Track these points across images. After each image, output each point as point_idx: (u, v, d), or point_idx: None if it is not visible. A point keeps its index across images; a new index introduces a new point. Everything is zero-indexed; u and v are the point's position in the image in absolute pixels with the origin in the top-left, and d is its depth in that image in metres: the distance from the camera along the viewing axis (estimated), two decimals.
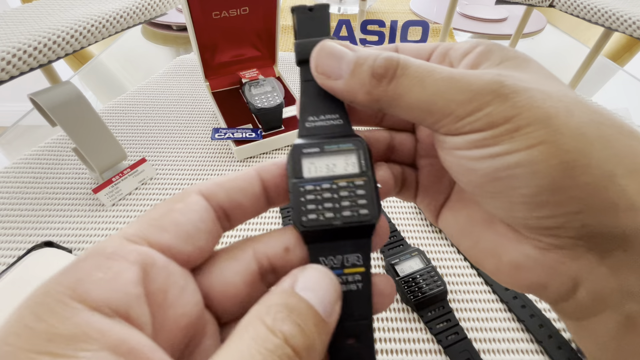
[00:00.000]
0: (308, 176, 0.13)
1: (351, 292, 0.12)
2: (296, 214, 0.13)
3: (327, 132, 0.14)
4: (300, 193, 0.13)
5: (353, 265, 0.12)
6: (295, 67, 0.70)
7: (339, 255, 0.13)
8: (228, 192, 0.13)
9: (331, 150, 0.13)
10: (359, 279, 0.12)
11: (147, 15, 0.50)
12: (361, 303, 0.12)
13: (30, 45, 0.37)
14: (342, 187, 0.13)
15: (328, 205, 0.13)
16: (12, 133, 0.55)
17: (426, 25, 0.65)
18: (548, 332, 0.31)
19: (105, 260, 0.10)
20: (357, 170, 0.13)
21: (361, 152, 0.14)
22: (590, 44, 0.59)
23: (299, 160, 0.13)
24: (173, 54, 0.80)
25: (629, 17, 0.46)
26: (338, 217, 0.13)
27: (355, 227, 0.13)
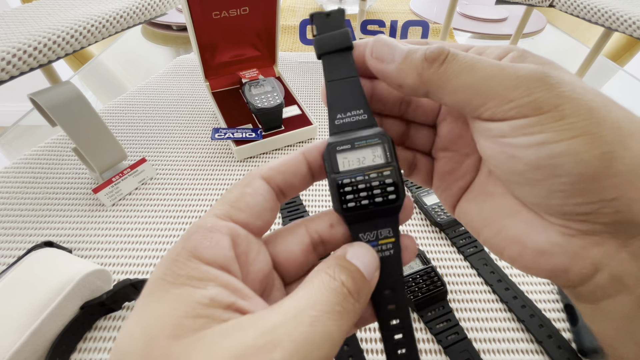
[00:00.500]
0: (343, 169, 0.16)
1: (386, 257, 0.16)
2: (338, 202, 0.15)
3: (354, 127, 0.16)
4: (339, 186, 0.15)
5: (385, 237, 0.16)
6: (295, 67, 0.70)
7: (374, 231, 0.16)
8: (284, 175, 0.16)
9: (360, 146, 0.16)
10: (391, 247, 0.16)
11: (147, 15, 0.50)
12: (394, 264, 0.16)
13: (30, 45, 0.37)
14: (372, 177, 0.15)
15: (363, 194, 0.15)
16: (12, 133, 0.55)
17: (426, 25, 0.65)
18: (548, 332, 0.31)
19: (208, 233, 0.13)
20: (383, 161, 0.16)
21: (385, 145, 0.16)
22: (590, 44, 0.59)
23: (334, 157, 0.16)
24: (173, 54, 0.80)
25: (629, 17, 0.46)
26: (372, 203, 0.15)
27: (386, 208, 0.16)
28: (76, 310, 0.30)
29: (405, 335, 0.16)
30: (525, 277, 0.35)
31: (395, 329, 0.16)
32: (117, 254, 0.37)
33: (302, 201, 0.43)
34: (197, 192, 0.44)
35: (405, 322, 0.16)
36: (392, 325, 0.16)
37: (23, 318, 0.27)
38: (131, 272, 0.36)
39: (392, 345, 0.16)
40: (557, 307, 0.33)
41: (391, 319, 0.16)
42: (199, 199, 0.43)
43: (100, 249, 0.38)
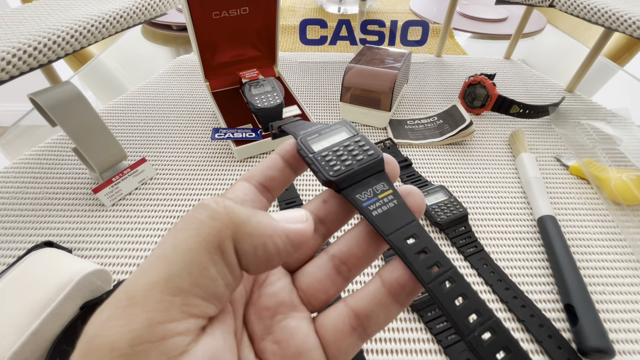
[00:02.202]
0: (318, 149, 0.17)
1: (391, 208, 0.15)
2: (324, 172, 0.16)
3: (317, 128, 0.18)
4: (319, 159, 0.16)
5: (382, 191, 0.16)
6: (295, 67, 0.70)
7: (369, 189, 0.16)
8: (262, 172, 0.16)
9: (327, 133, 0.18)
10: (392, 198, 0.16)
11: (147, 15, 0.50)
12: (402, 212, 0.15)
13: (30, 45, 0.37)
14: (347, 145, 0.17)
15: (343, 157, 0.16)
16: (12, 133, 0.55)
17: (426, 25, 0.65)
18: (548, 332, 0.31)
19: None
20: (350, 134, 0.17)
21: (347, 126, 0.18)
22: (590, 44, 0.59)
23: (307, 143, 0.17)
24: (173, 54, 0.80)
25: (629, 17, 0.46)
26: (355, 162, 0.16)
27: (370, 164, 0.16)
28: (76, 310, 0.30)
29: (453, 279, 0.13)
30: (525, 277, 0.35)
31: (438, 276, 0.13)
32: (117, 254, 0.37)
33: (303, 201, 0.43)
34: (197, 192, 0.44)
35: (446, 264, 0.14)
36: (434, 275, 0.13)
37: (23, 318, 0.27)
38: (131, 272, 0.36)
39: (447, 299, 0.13)
40: (557, 307, 0.33)
41: (429, 267, 0.14)
42: (199, 199, 0.43)
43: (100, 249, 0.38)
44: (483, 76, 0.55)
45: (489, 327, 0.13)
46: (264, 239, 0.12)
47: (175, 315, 0.10)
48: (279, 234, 0.12)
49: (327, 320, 0.15)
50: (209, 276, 0.11)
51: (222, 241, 0.11)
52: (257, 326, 0.14)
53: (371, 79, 0.51)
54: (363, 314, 0.14)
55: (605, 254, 0.38)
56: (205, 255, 0.11)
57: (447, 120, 0.55)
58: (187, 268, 0.11)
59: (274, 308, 0.15)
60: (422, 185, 0.44)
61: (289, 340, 0.14)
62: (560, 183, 0.46)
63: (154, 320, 0.10)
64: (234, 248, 0.12)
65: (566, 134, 0.53)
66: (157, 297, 0.10)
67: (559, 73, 0.72)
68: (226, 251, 0.11)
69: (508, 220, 0.41)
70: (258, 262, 0.12)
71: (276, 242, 0.12)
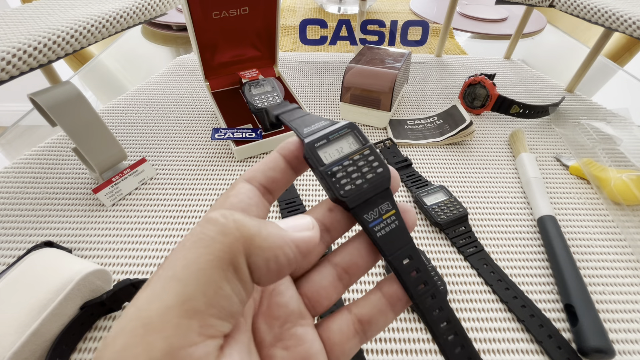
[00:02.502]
0: (328, 162, 0.17)
1: (393, 229, 0.16)
2: (335, 190, 0.16)
3: (322, 128, 0.18)
4: (330, 174, 0.16)
5: (387, 211, 0.17)
6: (295, 67, 0.70)
7: (375, 208, 0.16)
8: (263, 173, 0.16)
9: (335, 138, 0.17)
10: (394, 218, 0.17)
11: (147, 15, 0.50)
12: (402, 234, 0.17)
13: (30, 45, 0.37)
14: (356, 159, 0.17)
15: (354, 175, 0.17)
16: (12, 133, 0.55)
17: (426, 25, 0.65)
18: (548, 332, 0.31)
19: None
20: (359, 145, 0.17)
21: (355, 131, 0.18)
22: (590, 44, 0.59)
23: (316, 153, 0.17)
24: (173, 54, 0.80)
25: (629, 17, 0.46)
26: (364, 181, 0.16)
27: (378, 183, 0.17)
28: (76, 310, 0.30)
29: (435, 296, 0.16)
30: (525, 277, 0.35)
31: (424, 293, 0.16)
32: (117, 254, 0.37)
33: (302, 201, 0.43)
34: (197, 192, 0.44)
35: (431, 284, 0.16)
36: (420, 291, 0.16)
37: (23, 318, 0.27)
38: (131, 272, 0.36)
39: (429, 311, 0.16)
40: (557, 307, 0.33)
41: (418, 285, 0.16)
42: (199, 199, 0.43)
43: (100, 249, 0.38)
44: (483, 76, 0.55)
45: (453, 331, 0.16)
46: (275, 251, 0.12)
47: (193, 339, 0.10)
48: (289, 244, 0.12)
49: (333, 325, 0.16)
50: (223, 295, 0.11)
51: (235, 257, 0.11)
52: (267, 335, 0.15)
53: (371, 79, 0.51)
54: (365, 320, 0.16)
55: (605, 254, 0.38)
56: (220, 273, 0.11)
57: (447, 120, 0.55)
58: (201, 289, 0.11)
59: (284, 317, 0.15)
60: (422, 185, 0.44)
61: (298, 346, 0.15)
62: (560, 183, 0.46)
63: (174, 347, 0.10)
64: (247, 262, 0.12)
65: (566, 134, 0.53)
66: (175, 322, 0.10)
67: (559, 73, 0.72)
68: (239, 267, 0.11)
69: (508, 220, 0.41)
70: (270, 274, 0.12)
71: (287, 252, 0.12)
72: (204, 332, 0.10)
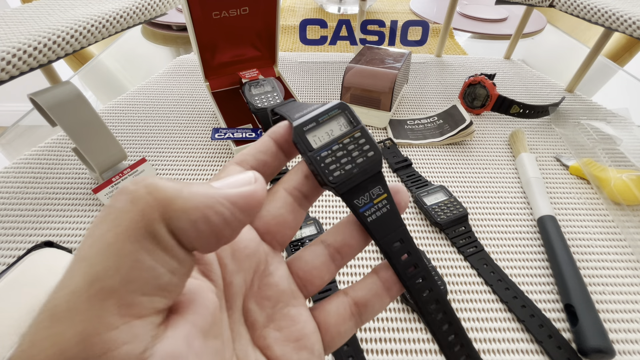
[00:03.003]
0: (317, 146, 0.16)
1: (384, 213, 0.16)
2: (324, 176, 0.16)
3: (312, 110, 0.17)
4: (319, 160, 0.16)
5: (378, 195, 0.16)
6: (295, 67, 0.70)
7: (366, 193, 0.16)
8: (254, 156, 0.16)
9: (324, 120, 0.16)
10: (386, 202, 0.16)
11: (147, 15, 0.50)
12: (394, 217, 0.16)
13: (30, 45, 0.37)
14: (347, 142, 0.16)
15: (344, 160, 0.16)
16: (12, 133, 0.55)
17: (426, 25, 0.65)
18: (548, 332, 0.31)
19: None
20: (350, 127, 0.17)
21: (347, 112, 0.17)
22: (590, 44, 0.59)
23: (304, 137, 0.16)
24: (173, 54, 0.80)
25: (629, 17, 0.46)
26: (354, 165, 0.16)
27: (369, 167, 0.16)
28: None
29: (425, 278, 0.17)
30: (525, 277, 0.35)
31: (414, 276, 0.16)
32: None
33: None
34: None
35: (422, 266, 0.17)
36: (410, 274, 0.16)
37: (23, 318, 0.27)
38: None
39: (418, 292, 0.16)
40: (557, 307, 0.33)
41: (408, 268, 0.16)
42: None
43: None
44: (483, 76, 0.55)
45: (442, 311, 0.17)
46: (204, 212, 0.10)
47: (112, 321, 0.09)
48: (220, 202, 0.11)
49: (329, 306, 0.16)
50: (143, 268, 0.09)
51: (150, 225, 0.10)
52: (259, 315, 0.15)
53: (371, 79, 0.51)
54: (361, 302, 0.16)
55: (605, 254, 0.38)
56: (133, 245, 0.09)
57: (447, 120, 0.55)
58: (113, 265, 0.09)
59: (276, 297, 0.15)
60: (422, 185, 0.44)
61: (291, 326, 0.15)
62: (560, 183, 0.46)
63: (87, 333, 0.08)
64: (168, 229, 0.10)
65: (566, 134, 0.53)
66: (84, 306, 0.09)
67: (559, 73, 0.72)
68: (158, 235, 0.10)
69: (508, 220, 0.41)
70: (204, 238, 0.11)
71: (220, 211, 0.11)
72: (126, 312, 0.09)
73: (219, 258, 0.14)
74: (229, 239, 0.11)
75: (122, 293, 0.09)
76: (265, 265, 0.16)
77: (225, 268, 0.14)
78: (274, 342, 0.15)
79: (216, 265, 0.14)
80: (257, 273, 0.15)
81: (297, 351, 0.15)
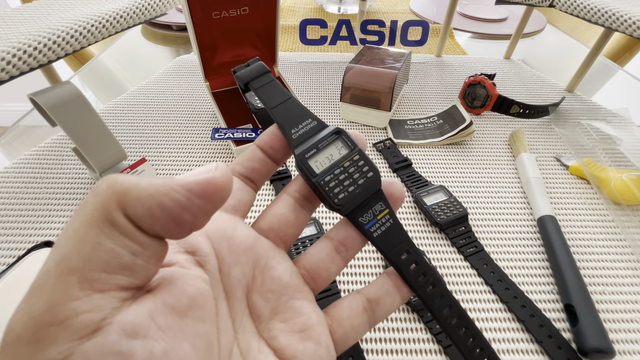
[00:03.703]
0: (319, 171, 0.17)
1: (388, 228, 0.17)
2: (330, 200, 0.17)
3: (310, 134, 0.18)
4: (323, 185, 0.17)
5: (380, 212, 0.17)
6: (295, 67, 0.70)
7: (369, 210, 0.17)
8: (242, 164, 0.18)
9: (324, 146, 0.18)
10: (388, 217, 0.18)
11: (147, 15, 0.50)
12: (397, 231, 0.18)
13: (30, 45, 0.37)
14: (347, 166, 0.17)
15: (346, 182, 0.17)
16: (12, 133, 0.55)
17: (426, 25, 0.65)
18: (548, 332, 0.31)
19: None
20: (348, 150, 0.18)
21: (344, 136, 0.18)
22: (590, 44, 0.59)
23: (307, 164, 0.17)
24: (173, 54, 0.80)
25: (629, 17, 0.46)
26: (356, 186, 0.17)
27: (369, 186, 0.17)
28: None
29: (435, 285, 0.18)
30: (525, 277, 0.35)
31: (425, 284, 0.17)
32: None
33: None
34: None
35: (430, 273, 0.18)
36: (421, 282, 0.17)
37: None
38: None
39: (430, 299, 0.17)
40: (557, 307, 0.33)
41: (418, 277, 0.17)
42: None
43: None
44: (483, 76, 0.55)
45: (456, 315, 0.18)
46: (158, 198, 0.11)
47: (74, 293, 0.10)
48: (175, 189, 0.11)
49: (342, 302, 0.17)
50: (103, 249, 0.11)
51: (108, 213, 0.11)
52: (264, 308, 0.16)
53: (371, 79, 0.51)
54: (374, 299, 0.17)
55: (605, 254, 0.38)
56: (94, 231, 0.11)
57: (447, 120, 0.55)
58: (76, 248, 0.11)
59: (279, 290, 0.16)
60: (422, 185, 0.44)
61: (295, 318, 0.16)
62: (560, 183, 0.46)
63: (53, 303, 0.10)
64: (125, 215, 0.11)
65: (566, 134, 0.53)
66: (52, 282, 0.10)
67: (559, 73, 0.72)
68: (116, 221, 0.11)
69: (508, 220, 0.41)
70: (162, 223, 0.11)
71: (174, 197, 0.11)
72: (88, 286, 0.10)
73: (215, 251, 0.15)
74: (192, 224, 0.12)
75: (83, 270, 0.10)
76: (266, 260, 0.16)
77: (223, 261, 0.15)
78: (280, 333, 0.15)
79: (212, 257, 0.15)
80: (258, 267, 0.16)
81: (302, 341, 0.15)
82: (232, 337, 0.14)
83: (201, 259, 0.14)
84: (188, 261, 0.14)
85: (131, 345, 0.10)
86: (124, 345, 0.10)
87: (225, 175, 0.13)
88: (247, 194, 0.17)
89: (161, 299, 0.12)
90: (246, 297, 0.16)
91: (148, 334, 0.11)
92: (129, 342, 0.10)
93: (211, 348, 0.13)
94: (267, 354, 0.15)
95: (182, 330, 0.12)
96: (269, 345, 0.15)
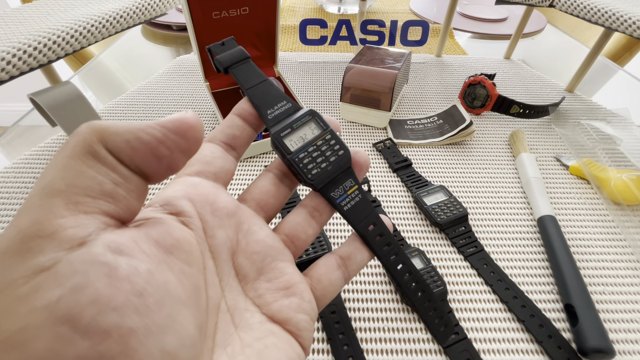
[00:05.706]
0: (294, 149, 0.18)
1: (357, 202, 0.19)
2: (303, 175, 0.18)
3: (285, 115, 0.19)
4: (297, 161, 0.18)
5: (350, 187, 0.19)
6: (295, 67, 0.70)
7: (340, 186, 0.19)
8: (222, 131, 0.18)
9: (298, 126, 0.19)
10: (357, 192, 0.19)
11: (147, 15, 0.50)
12: (365, 205, 0.19)
13: (30, 45, 0.37)
14: (320, 144, 0.19)
15: (319, 159, 0.18)
16: (12, 133, 0.55)
17: (426, 25, 0.65)
18: (548, 332, 0.31)
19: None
20: (320, 131, 0.19)
21: (317, 118, 0.19)
22: (590, 44, 0.59)
23: (282, 142, 0.18)
24: (173, 54, 0.80)
25: (629, 17, 0.46)
26: (328, 163, 0.19)
27: (340, 163, 0.19)
28: None
29: (397, 254, 0.20)
30: (525, 277, 0.35)
31: (388, 252, 0.20)
32: None
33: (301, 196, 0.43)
34: None
35: (393, 243, 0.20)
36: (385, 251, 0.19)
37: None
38: None
39: (393, 266, 0.19)
40: (557, 307, 0.33)
41: (383, 246, 0.19)
42: None
43: None
44: (483, 76, 0.55)
45: (415, 280, 0.20)
46: (135, 132, 0.12)
47: (59, 211, 0.11)
48: (150, 125, 0.12)
49: (319, 262, 0.19)
50: (86, 176, 0.11)
51: (89, 146, 0.11)
52: (250, 269, 0.17)
53: (371, 79, 0.51)
54: (345, 255, 0.19)
55: (605, 254, 0.38)
56: (76, 161, 0.11)
57: (447, 120, 0.55)
58: (59, 174, 0.11)
59: (263, 252, 0.17)
60: (422, 185, 0.44)
61: (280, 277, 0.17)
62: (560, 183, 0.46)
63: (39, 218, 0.10)
64: (106, 148, 0.12)
65: (566, 134, 0.53)
66: (37, 202, 0.11)
67: (559, 73, 0.72)
68: (97, 153, 0.11)
69: (508, 220, 0.41)
70: (141, 155, 0.12)
71: (150, 132, 0.12)
72: (73, 207, 0.11)
73: (199, 215, 0.16)
74: (170, 159, 0.13)
75: (67, 193, 0.11)
76: (248, 225, 0.17)
77: (207, 224, 0.16)
78: (266, 292, 0.16)
79: (197, 219, 0.15)
80: (242, 232, 0.17)
81: (287, 297, 0.16)
82: (219, 293, 0.15)
83: (186, 220, 0.15)
84: (173, 220, 0.14)
85: (116, 259, 0.11)
86: (110, 257, 0.11)
87: (195, 116, 0.14)
88: (229, 162, 0.18)
89: (145, 231, 0.13)
90: (231, 259, 0.16)
91: (132, 254, 0.11)
92: (114, 256, 0.11)
93: (198, 292, 0.13)
94: (253, 312, 0.16)
95: (167, 263, 0.12)
96: (254, 304, 0.16)
